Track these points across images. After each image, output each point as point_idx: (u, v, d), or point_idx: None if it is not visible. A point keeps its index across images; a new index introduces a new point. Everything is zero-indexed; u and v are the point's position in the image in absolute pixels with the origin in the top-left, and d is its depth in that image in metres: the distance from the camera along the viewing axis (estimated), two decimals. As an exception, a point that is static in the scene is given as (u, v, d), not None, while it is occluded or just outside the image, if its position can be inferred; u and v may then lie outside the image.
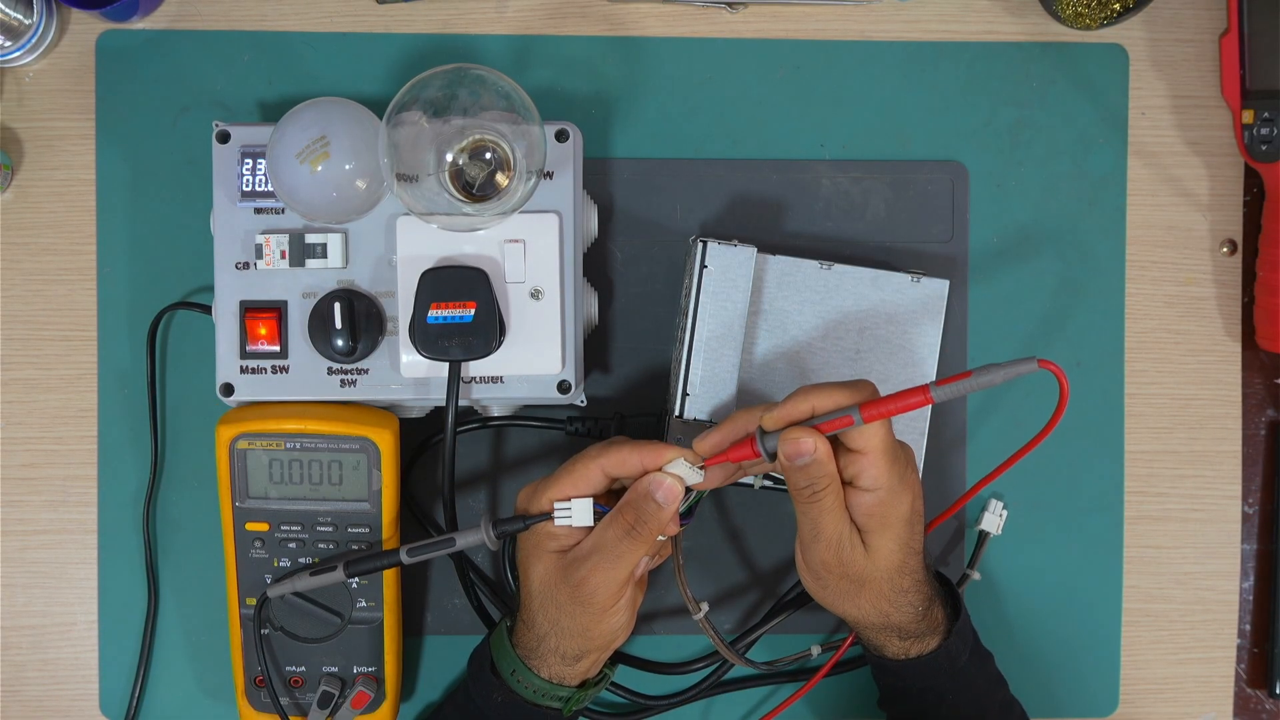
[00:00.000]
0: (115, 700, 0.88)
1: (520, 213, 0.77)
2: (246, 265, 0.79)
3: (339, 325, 0.78)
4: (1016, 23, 0.88)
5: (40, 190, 0.87)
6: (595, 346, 0.87)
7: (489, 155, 0.77)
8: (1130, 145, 0.89)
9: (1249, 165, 0.88)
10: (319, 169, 0.75)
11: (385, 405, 0.81)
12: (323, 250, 0.79)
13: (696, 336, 0.80)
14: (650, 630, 0.88)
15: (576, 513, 0.73)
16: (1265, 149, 0.86)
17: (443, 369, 0.78)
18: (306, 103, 0.77)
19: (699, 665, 0.87)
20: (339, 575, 0.77)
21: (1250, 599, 0.90)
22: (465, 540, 0.75)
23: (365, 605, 0.81)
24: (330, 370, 0.80)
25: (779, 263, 0.82)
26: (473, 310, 0.77)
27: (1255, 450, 0.90)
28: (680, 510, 0.73)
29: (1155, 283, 0.89)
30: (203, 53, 0.86)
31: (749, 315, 0.81)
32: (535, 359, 0.79)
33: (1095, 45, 0.88)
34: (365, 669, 0.82)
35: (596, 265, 0.87)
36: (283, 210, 0.79)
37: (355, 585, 0.81)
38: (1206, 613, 0.90)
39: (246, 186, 0.79)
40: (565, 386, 0.80)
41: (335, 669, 0.82)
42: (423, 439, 0.86)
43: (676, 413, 0.80)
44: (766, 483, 0.80)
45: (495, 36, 0.87)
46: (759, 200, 0.87)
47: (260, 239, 0.79)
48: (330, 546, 0.80)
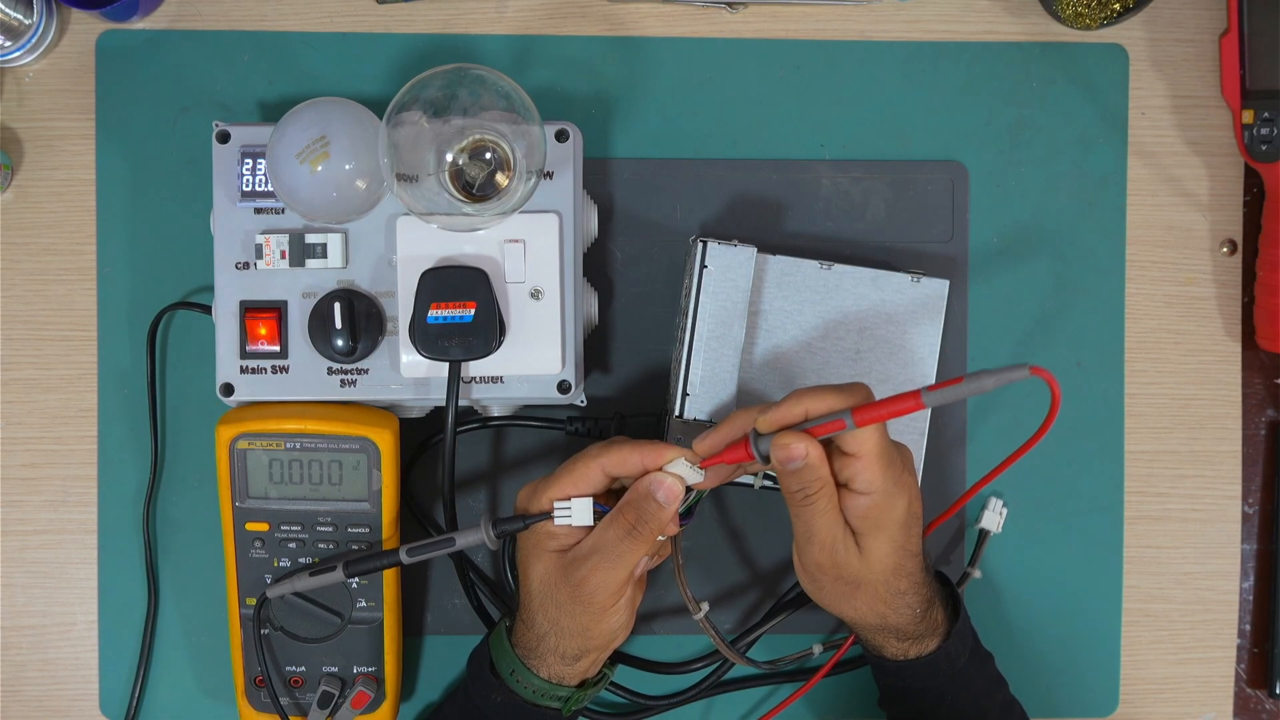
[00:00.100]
0: (115, 700, 0.88)
1: (520, 213, 0.77)
2: (246, 265, 0.79)
3: (339, 325, 0.78)
4: (1016, 23, 0.88)
5: (40, 190, 0.87)
6: (595, 346, 0.87)
7: (489, 155, 0.77)
8: (1130, 145, 0.89)
9: (1249, 165, 0.88)
10: (319, 169, 0.75)
11: (385, 405, 0.81)
12: (323, 250, 0.79)
13: (696, 336, 0.80)
14: (650, 630, 0.88)
15: (576, 512, 0.73)
16: (1265, 149, 0.86)
17: (443, 369, 0.78)
18: (306, 103, 0.77)
19: (699, 665, 0.87)
20: (339, 575, 0.77)
21: (1250, 599, 0.90)
22: (465, 540, 0.75)
23: (365, 605, 0.81)
24: (330, 370, 0.80)
25: (779, 263, 0.82)
26: (473, 310, 0.77)
27: (1255, 450, 0.90)
28: (680, 510, 0.73)
29: (1155, 283, 0.89)
30: (203, 53, 0.86)
31: (749, 315, 0.81)
32: (535, 359, 0.79)
33: (1095, 45, 0.88)
34: (365, 669, 0.82)
35: (596, 265, 0.87)
36: (283, 210, 0.79)
37: (355, 585, 0.81)
38: (1206, 613, 0.90)
39: (246, 186, 0.79)
40: (565, 386, 0.80)
41: (335, 669, 0.82)
42: (423, 439, 0.86)
43: (676, 413, 0.80)
44: (766, 483, 0.80)
45: (495, 36, 0.87)
46: (759, 200, 0.87)
47: (260, 239, 0.79)
48: (330, 546, 0.80)
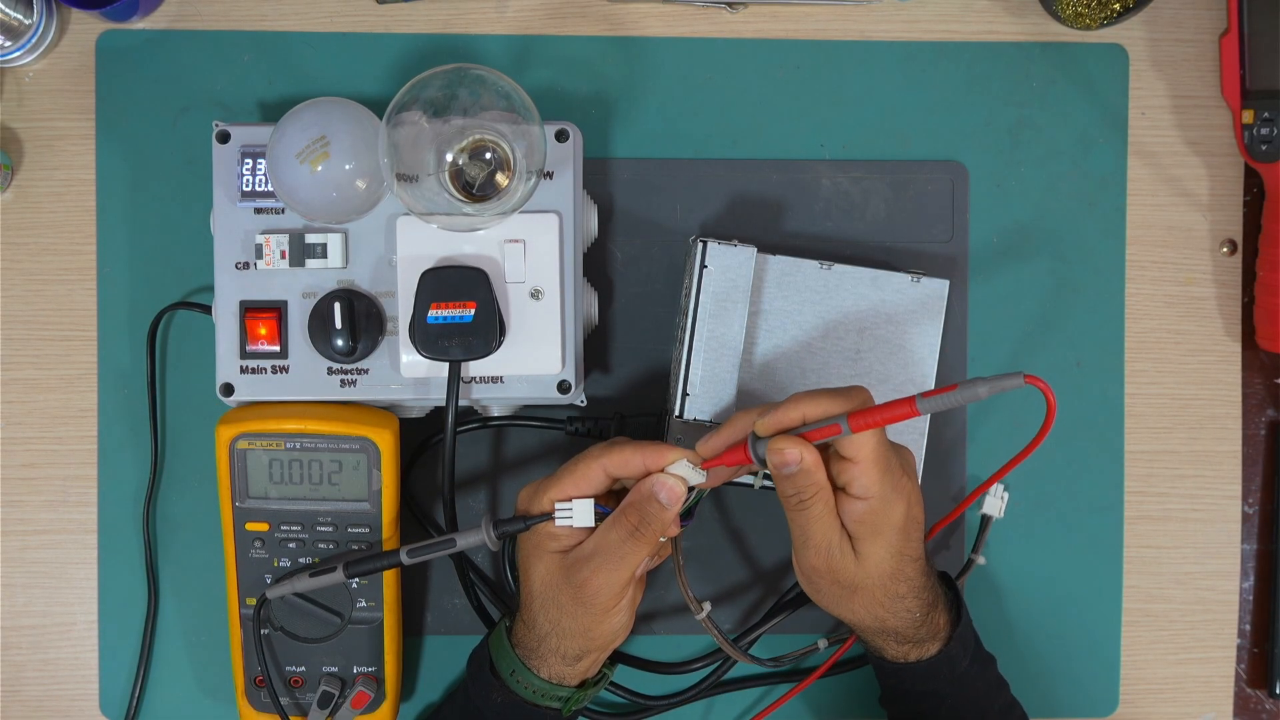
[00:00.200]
0: (115, 700, 0.88)
1: (520, 213, 0.77)
2: (246, 265, 0.79)
3: (339, 325, 0.78)
4: (1016, 23, 0.88)
5: (40, 190, 0.87)
6: (595, 346, 0.87)
7: (489, 155, 0.77)
8: (1130, 145, 0.89)
9: (1249, 165, 0.88)
10: (319, 169, 0.75)
11: (385, 405, 0.81)
12: (323, 250, 0.79)
13: (696, 336, 0.80)
14: (650, 630, 0.88)
15: (578, 513, 0.73)
16: (1265, 149, 0.86)
17: (443, 369, 0.78)
18: (306, 103, 0.77)
19: (699, 665, 0.87)
20: (339, 576, 0.77)
21: (1250, 599, 0.90)
22: (465, 541, 0.75)
23: (365, 605, 0.81)
24: (330, 370, 0.80)
25: (779, 263, 0.82)
26: (473, 310, 0.77)
27: (1255, 450, 0.90)
28: (680, 511, 0.73)
29: (1155, 283, 0.89)
30: (203, 53, 0.86)
31: (749, 315, 0.81)
32: (535, 359, 0.79)
33: (1095, 45, 0.88)
34: (365, 669, 0.82)
35: (596, 265, 0.87)
36: (283, 210, 0.79)
37: (355, 585, 0.81)
38: (1206, 613, 0.90)
39: (246, 186, 0.79)
40: (565, 386, 0.80)
41: (335, 669, 0.82)
42: (423, 439, 0.86)
43: (677, 413, 0.80)
44: (766, 483, 0.80)
45: (495, 36, 0.87)
46: (759, 200, 0.87)
47: (260, 239, 0.79)
48: (330, 546, 0.80)
